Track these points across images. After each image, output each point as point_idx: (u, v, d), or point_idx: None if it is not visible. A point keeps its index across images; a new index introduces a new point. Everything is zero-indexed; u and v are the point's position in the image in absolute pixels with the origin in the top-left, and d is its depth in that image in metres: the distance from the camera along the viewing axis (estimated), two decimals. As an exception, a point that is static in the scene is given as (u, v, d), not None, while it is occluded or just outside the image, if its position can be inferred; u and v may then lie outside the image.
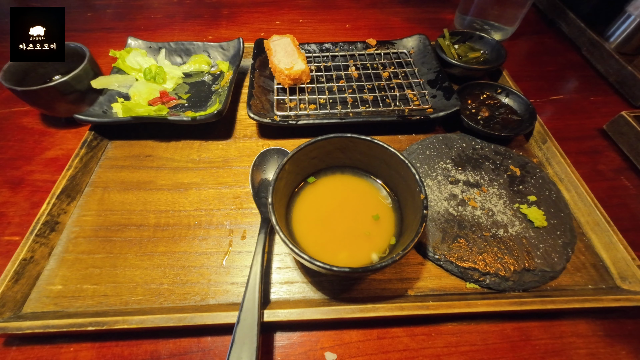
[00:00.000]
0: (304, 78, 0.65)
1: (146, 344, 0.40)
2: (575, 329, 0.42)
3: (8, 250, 0.46)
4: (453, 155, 0.56)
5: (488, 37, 0.72)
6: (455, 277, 0.45)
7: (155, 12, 0.95)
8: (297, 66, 0.64)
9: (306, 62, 0.66)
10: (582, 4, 0.86)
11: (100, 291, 0.43)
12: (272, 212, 0.37)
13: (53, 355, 0.39)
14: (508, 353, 0.40)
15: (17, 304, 0.41)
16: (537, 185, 0.53)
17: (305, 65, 0.65)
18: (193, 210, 0.51)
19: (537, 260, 0.45)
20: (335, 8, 0.98)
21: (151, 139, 0.60)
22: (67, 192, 0.50)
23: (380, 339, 0.41)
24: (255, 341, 0.34)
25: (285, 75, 0.63)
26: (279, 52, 0.67)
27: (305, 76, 0.65)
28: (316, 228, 0.43)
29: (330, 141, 0.44)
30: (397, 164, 0.42)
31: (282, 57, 0.66)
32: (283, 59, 0.65)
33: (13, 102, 0.66)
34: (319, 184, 0.48)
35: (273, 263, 0.46)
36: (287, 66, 0.64)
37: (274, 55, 0.66)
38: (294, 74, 0.63)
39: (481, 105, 0.64)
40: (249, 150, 0.59)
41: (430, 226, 0.48)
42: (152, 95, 0.63)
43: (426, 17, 0.95)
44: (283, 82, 0.64)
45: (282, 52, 0.67)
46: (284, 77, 0.63)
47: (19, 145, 0.60)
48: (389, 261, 0.34)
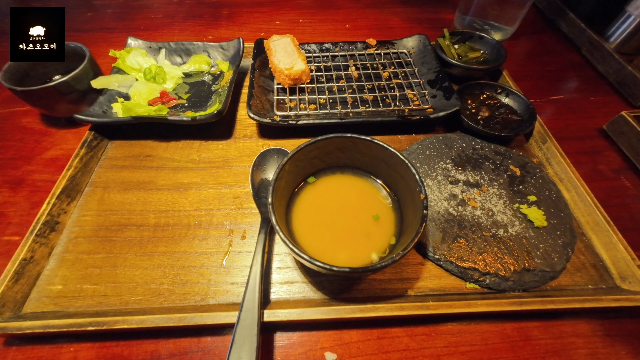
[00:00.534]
0: (304, 78, 0.65)
1: (146, 344, 0.40)
2: (575, 329, 0.42)
3: (8, 250, 0.46)
4: (453, 155, 0.56)
5: (488, 37, 0.72)
6: (455, 277, 0.45)
7: (155, 12, 0.95)
8: (297, 66, 0.63)
9: (306, 62, 0.65)
10: (582, 4, 0.86)
11: (100, 291, 0.43)
12: (272, 212, 0.37)
13: (53, 355, 0.39)
14: (508, 353, 0.40)
15: (17, 304, 0.41)
16: (537, 185, 0.53)
17: (305, 65, 0.64)
18: (193, 210, 0.51)
19: (537, 260, 0.45)
20: (335, 8, 0.98)
21: (151, 139, 0.60)
22: (67, 192, 0.50)
23: (380, 339, 0.41)
24: (255, 341, 0.34)
25: (285, 75, 0.63)
26: (279, 52, 0.66)
27: (305, 76, 0.65)
28: (316, 228, 0.43)
29: (331, 141, 0.44)
30: (397, 164, 0.42)
31: (282, 57, 0.65)
32: (283, 59, 0.65)
33: (13, 102, 0.66)
34: (319, 184, 0.48)
35: (273, 263, 0.46)
36: (287, 66, 0.63)
37: (274, 55, 0.66)
38: (294, 74, 0.63)
39: (481, 105, 0.64)
40: (249, 150, 0.59)
41: (430, 226, 0.48)
42: (152, 95, 0.63)
43: (426, 17, 0.95)
44: (283, 82, 0.64)
45: (282, 52, 0.66)
46: (284, 77, 0.63)
47: (19, 145, 0.60)
48: (389, 261, 0.34)
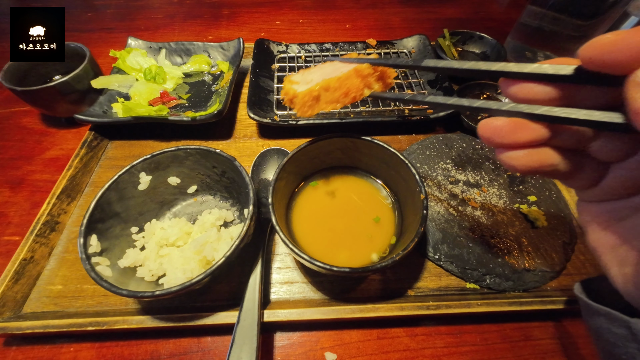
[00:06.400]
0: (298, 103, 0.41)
1: (146, 344, 0.40)
2: (575, 329, 0.42)
3: (8, 250, 0.46)
4: (453, 156, 0.56)
5: (488, 37, 0.72)
6: (455, 277, 0.45)
7: (156, 12, 0.95)
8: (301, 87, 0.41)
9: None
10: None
11: (100, 291, 0.43)
12: (272, 212, 0.37)
13: (53, 355, 0.39)
14: (508, 353, 0.40)
15: (17, 304, 0.41)
16: (537, 185, 0.53)
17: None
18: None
19: (537, 260, 0.45)
20: (335, 8, 0.98)
21: (151, 139, 0.60)
22: (67, 192, 0.50)
23: (380, 339, 0.41)
24: (255, 341, 0.34)
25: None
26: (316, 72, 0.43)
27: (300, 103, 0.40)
28: (316, 228, 0.43)
29: (331, 141, 0.44)
30: (397, 164, 0.42)
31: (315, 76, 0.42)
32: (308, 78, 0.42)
33: (13, 102, 0.66)
34: (319, 184, 0.48)
35: (273, 263, 0.46)
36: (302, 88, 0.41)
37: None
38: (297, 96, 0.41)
39: (481, 105, 0.64)
40: (249, 150, 0.59)
41: (430, 226, 0.48)
42: (152, 95, 0.63)
43: (426, 17, 0.95)
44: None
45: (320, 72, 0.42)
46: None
47: (19, 145, 0.60)
48: (389, 261, 0.34)
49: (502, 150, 0.24)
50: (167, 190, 0.47)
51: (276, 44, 0.74)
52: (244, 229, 0.37)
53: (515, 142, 0.23)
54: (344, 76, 0.37)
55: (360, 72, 0.37)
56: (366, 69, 0.37)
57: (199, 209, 0.49)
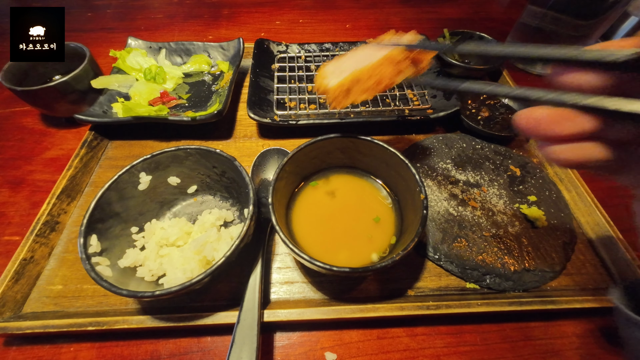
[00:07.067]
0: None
1: (146, 344, 0.40)
2: (575, 329, 0.42)
3: (8, 250, 0.46)
4: (453, 155, 0.56)
5: (488, 37, 0.72)
6: (455, 277, 0.45)
7: (156, 12, 0.95)
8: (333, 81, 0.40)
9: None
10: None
11: (100, 291, 0.43)
12: (272, 212, 0.37)
13: (53, 355, 0.39)
14: (508, 353, 0.40)
15: (17, 304, 0.41)
16: (537, 185, 0.53)
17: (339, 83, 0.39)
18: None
19: (537, 260, 0.45)
20: (335, 8, 0.98)
21: (151, 139, 0.60)
22: (67, 192, 0.50)
23: (380, 339, 0.41)
24: (255, 341, 0.34)
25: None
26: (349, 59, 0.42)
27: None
28: (316, 228, 0.44)
29: (331, 141, 0.44)
30: (397, 164, 0.42)
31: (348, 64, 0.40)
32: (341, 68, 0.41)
33: (13, 102, 0.66)
34: (319, 184, 0.48)
35: (273, 263, 0.46)
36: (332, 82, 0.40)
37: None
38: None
39: (481, 105, 0.64)
40: (249, 150, 0.59)
41: (430, 226, 0.48)
42: (152, 95, 0.63)
43: (426, 17, 0.95)
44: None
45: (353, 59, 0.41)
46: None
47: (19, 145, 0.60)
48: (389, 261, 0.34)
49: (544, 144, 0.22)
50: (167, 190, 0.47)
51: (276, 44, 0.74)
52: (244, 229, 0.37)
53: (558, 135, 0.21)
54: (376, 64, 0.36)
55: (393, 59, 0.36)
56: (399, 54, 0.36)
57: (199, 208, 0.49)
